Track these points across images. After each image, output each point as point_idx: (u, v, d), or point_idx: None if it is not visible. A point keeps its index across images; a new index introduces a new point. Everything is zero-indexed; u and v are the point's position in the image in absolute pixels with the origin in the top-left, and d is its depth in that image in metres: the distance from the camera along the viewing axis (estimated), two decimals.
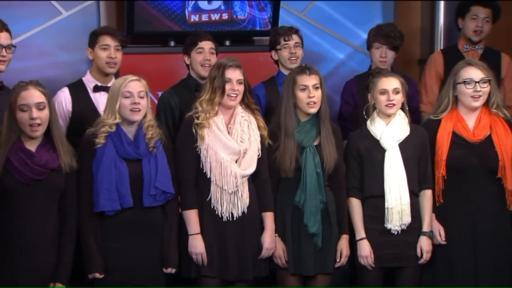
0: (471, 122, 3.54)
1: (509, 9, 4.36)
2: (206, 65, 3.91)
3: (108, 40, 3.78)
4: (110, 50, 3.77)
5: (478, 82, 3.49)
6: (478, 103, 3.50)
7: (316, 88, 3.47)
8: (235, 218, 3.39)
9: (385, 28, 4.22)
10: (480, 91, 3.48)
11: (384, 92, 3.50)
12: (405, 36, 4.23)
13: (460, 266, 3.48)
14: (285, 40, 4.05)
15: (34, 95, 3.18)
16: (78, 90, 3.81)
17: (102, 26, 4.40)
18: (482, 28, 4.30)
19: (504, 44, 4.47)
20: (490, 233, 3.48)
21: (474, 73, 3.50)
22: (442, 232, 3.51)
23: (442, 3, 4.93)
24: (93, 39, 3.82)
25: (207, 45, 3.95)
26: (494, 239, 3.49)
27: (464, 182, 3.49)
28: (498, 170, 3.46)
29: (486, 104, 3.53)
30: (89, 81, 3.84)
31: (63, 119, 3.72)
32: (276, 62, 4.16)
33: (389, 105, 3.49)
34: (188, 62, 4.01)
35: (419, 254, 3.50)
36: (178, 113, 3.84)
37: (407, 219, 3.47)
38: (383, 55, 4.16)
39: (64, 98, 3.77)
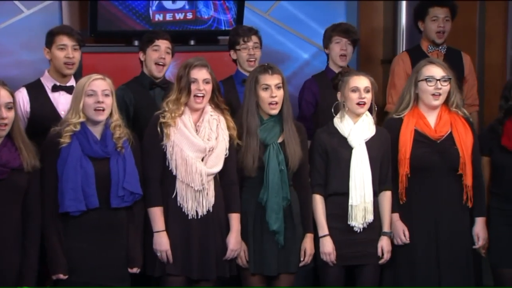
0: (432, 120, 3.59)
1: (464, 8, 4.43)
2: (160, 63, 3.91)
3: (65, 40, 3.74)
4: (67, 50, 3.73)
5: (439, 80, 3.54)
6: (438, 102, 3.56)
7: (279, 87, 3.48)
8: (199, 217, 3.39)
9: (342, 24, 4.31)
10: (440, 89, 3.53)
11: (355, 90, 3.53)
12: (368, 36, 4.27)
13: (423, 265, 3.53)
14: (244, 41, 4.07)
15: (3, 95, 3.15)
16: (36, 90, 3.76)
17: (59, 25, 4.34)
18: (444, 28, 4.36)
19: (461, 43, 4.54)
20: (452, 231, 3.54)
21: (436, 71, 3.55)
22: (406, 232, 3.55)
23: (404, 4, 5.00)
24: (50, 39, 3.77)
25: (163, 44, 3.95)
26: (455, 237, 3.54)
27: (427, 180, 3.53)
28: (459, 167, 3.52)
29: (446, 103, 3.59)
30: (48, 81, 3.79)
31: (21, 120, 3.66)
32: (235, 61, 4.17)
33: (360, 103, 3.52)
34: (142, 59, 3.99)
35: (379, 253, 3.54)
36: (133, 110, 3.82)
37: (370, 217, 3.50)
38: (344, 48, 4.20)
39: (22, 98, 3.72)
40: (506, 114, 3.64)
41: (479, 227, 3.58)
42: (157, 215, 3.37)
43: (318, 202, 3.55)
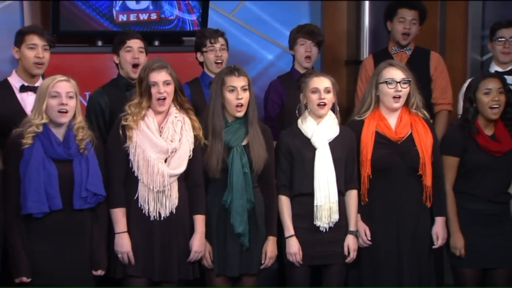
0: (392, 121, 3.63)
1: (431, 13, 4.50)
2: (135, 64, 3.89)
3: (35, 40, 3.70)
4: (37, 49, 3.69)
5: (399, 82, 3.58)
6: (398, 104, 3.60)
7: (245, 89, 3.49)
8: (162, 218, 3.38)
9: (307, 26, 4.33)
10: (400, 91, 3.58)
11: (315, 91, 3.56)
12: (332, 37, 4.30)
13: (385, 265, 3.57)
14: (211, 43, 4.06)
15: None
16: (3, 90, 3.71)
17: (29, 25, 4.29)
18: (409, 30, 4.39)
19: (422, 45, 4.60)
20: (413, 231, 3.58)
21: (396, 73, 3.59)
22: (368, 232, 3.59)
23: (367, 5, 5.04)
24: (20, 38, 3.73)
25: (135, 43, 3.92)
26: (416, 237, 3.59)
27: (388, 181, 3.57)
28: (419, 167, 3.57)
29: (406, 104, 3.63)
30: (15, 81, 3.74)
31: None
32: (201, 63, 4.16)
33: (321, 104, 3.54)
34: (117, 61, 3.97)
35: (346, 252, 3.57)
36: (109, 113, 3.80)
37: (335, 217, 3.53)
38: (308, 49, 4.23)
39: None
40: (474, 115, 3.69)
41: (439, 227, 3.63)
42: (119, 216, 3.36)
43: (284, 203, 3.57)
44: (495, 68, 4.22)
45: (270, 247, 3.52)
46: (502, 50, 4.17)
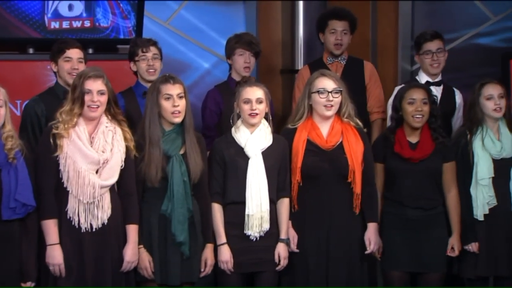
0: (324, 130, 3.69)
1: (358, 21, 4.58)
2: (74, 74, 3.83)
3: None
4: None
5: (330, 92, 3.64)
6: (330, 113, 3.66)
7: (181, 97, 3.49)
8: (94, 229, 3.34)
9: (245, 36, 4.35)
10: (332, 100, 3.64)
11: (247, 101, 3.59)
12: (268, 46, 4.33)
13: (315, 271, 3.61)
14: (143, 52, 4.04)
15: None
16: None
17: None
18: (341, 41, 4.46)
19: (355, 55, 4.69)
20: (343, 237, 3.64)
21: (327, 83, 3.65)
22: (295, 240, 3.63)
23: (301, 14, 5.11)
24: None
25: (75, 54, 3.88)
26: (347, 242, 3.64)
27: (317, 188, 3.62)
28: (348, 175, 3.63)
29: (338, 113, 3.69)
30: None
31: None
32: (135, 73, 4.14)
33: (252, 114, 3.58)
34: (55, 70, 3.91)
35: (276, 260, 3.59)
36: (45, 121, 3.73)
37: (266, 226, 3.56)
38: (248, 60, 4.27)
39: None
40: (397, 123, 3.81)
41: (371, 232, 3.70)
42: (50, 227, 3.31)
43: (216, 210, 3.58)
44: (425, 78, 4.31)
45: (209, 255, 3.53)
46: (430, 63, 4.26)
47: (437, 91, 4.25)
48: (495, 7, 5.05)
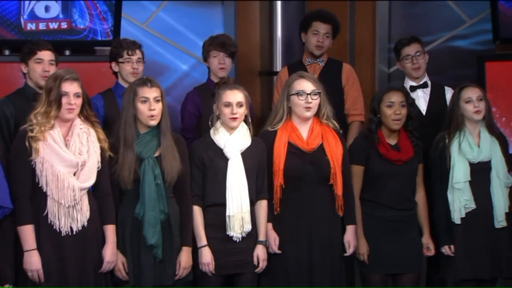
0: (304, 132, 3.70)
1: (341, 26, 4.61)
2: (46, 76, 3.80)
3: None
4: None
5: (309, 94, 3.66)
6: (309, 113, 3.68)
7: (157, 101, 3.49)
8: (74, 232, 3.32)
9: (219, 37, 4.35)
10: (311, 102, 3.66)
11: (228, 105, 3.59)
12: (246, 48, 4.33)
13: (296, 274, 3.61)
14: (128, 55, 4.02)
15: None
16: None
17: None
18: (322, 43, 4.47)
19: (343, 57, 4.72)
20: (325, 239, 3.65)
21: (306, 85, 3.67)
22: (277, 242, 3.64)
23: (279, 16, 5.13)
24: None
25: (46, 56, 3.84)
26: (328, 244, 3.65)
27: (300, 190, 3.63)
28: (330, 177, 3.64)
29: (317, 115, 3.71)
30: None
31: None
32: (115, 73, 4.11)
33: (233, 118, 3.58)
34: (25, 71, 3.87)
35: (255, 262, 3.60)
36: (14, 123, 3.69)
37: (248, 227, 3.57)
38: (222, 61, 4.27)
39: None
40: (377, 126, 3.83)
41: (350, 235, 3.72)
42: (27, 233, 3.28)
43: (197, 213, 3.58)
44: (409, 83, 4.32)
45: (184, 258, 3.51)
46: (412, 67, 4.28)
47: (424, 93, 4.30)
48: (470, 10, 5.10)
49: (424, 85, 4.31)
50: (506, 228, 3.85)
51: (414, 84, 4.31)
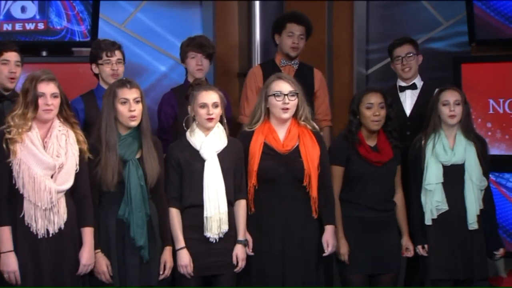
0: (281, 133, 3.71)
1: (314, 25, 4.63)
2: (12, 77, 3.77)
3: None
4: None
5: (286, 95, 3.67)
6: (287, 115, 3.69)
7: (137, 102, 3.48)
8: (51, 235, 3.31)
9: (197, 38, 4.35)
10: (288, 103, 3.67)
11: (204, 106, 3.59)
12: (225, 49, 4.32)
13: (272, 274, 3.63)
14: (107, 56, 4.00)
15: None
16: None
17: None
18: (297, 44, 4.49)
19: (311, 60, 4.73)
20: (300, 240, 3.66)
21: (284, 86, 3.68)
22: (250, 244, 3.65)
23: (258, 18, 5.14)
24: None
25: (13, 57, 3.83)
26: (303, 245, 3.66)
27: (273, 191, 3.64)
28: (304, 179, 3.66)
29: (295, 116, 3.73)
30: None
31: None
32: (96, 75, 4.09)
33: (209, 119, 3.58)
34: None
35: (234, 262, 3.61)
36: None
37: (225, 228, 3.57)
38: (199, 63, 4.27)
39: None
40: (357, 127, 3.85)
41: (328, 235, 3.73)
42: (4, 235, 3.26)
43: (174, 215, 3.58)
44: (400, 83, 4.36)
45: (168, 257, 3.52)
46: (401, 68, 4.31)
47: (413, 94, 4.33)
48: (447, 12, 5.15)
49: (413, 87, 4.35)
50: (479, 230, 3.89)
51: (403, 84, 4.35)
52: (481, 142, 3.98)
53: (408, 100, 4.32)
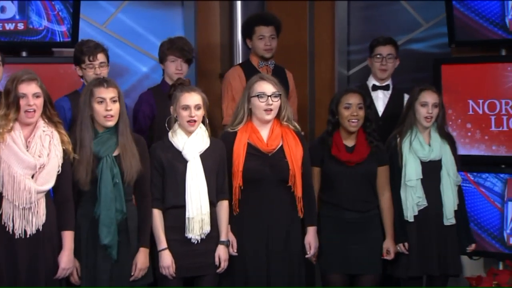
0: (264, 133, 3.72)
1: (294, 26, 4.63)
2: None
3: None
4: None
5: (270, 96, 3.69)
6: (270, 116, 3.70)
7: (114, 101, 3.47)
8: (28, 236, 3.28)
9: (177, 41, 4.31)
10: (271, 104, 3.68)
11: (186, 108, 3.58)
12: (206, 49, 4.30)
13: (255, 275, 3.64)
14: (89, 60, 3.95)
15: None
16: None
17: None
18: (270, 46, 4.49)
19: (292, 60, 4.74)
20: (284, 240, 3.67)
21: (266, 87, 3.69)
22: (235, 244, 3.65)
23: (239, 19, 5.13)
24: None
25: None
26: (287, 246, 3.68)
27: (259, 192, 3.65)
28: (289, 179, 3.67)
29: (278, 117, 3.74)
30: None
31: None
32: (81, 77, 4.07)
33: (191, 121, 3.58)
34: None
35: (217, 262, 3.61)
36: None
37: (207, 228, 3.57)
38: (179, 67, 4.25)
39: None
40: (334, 127, 3.87)
41: (311, 236, 3.75)
42: None
43: (156, 216, 3.57)
44: (373, 82, 4.40)
45: (141, 259, 3.49)
46: (379, 67, 4.34)
47: (384, 95, 4.37)
48: (427, 13, 5.19)
49: (386, 88, 4.38)
50: (454, 226, 3.93)
51: (377, 84, 4.37)
52: (451, 140, 4.03)
53: (380, 101, 4.37)
